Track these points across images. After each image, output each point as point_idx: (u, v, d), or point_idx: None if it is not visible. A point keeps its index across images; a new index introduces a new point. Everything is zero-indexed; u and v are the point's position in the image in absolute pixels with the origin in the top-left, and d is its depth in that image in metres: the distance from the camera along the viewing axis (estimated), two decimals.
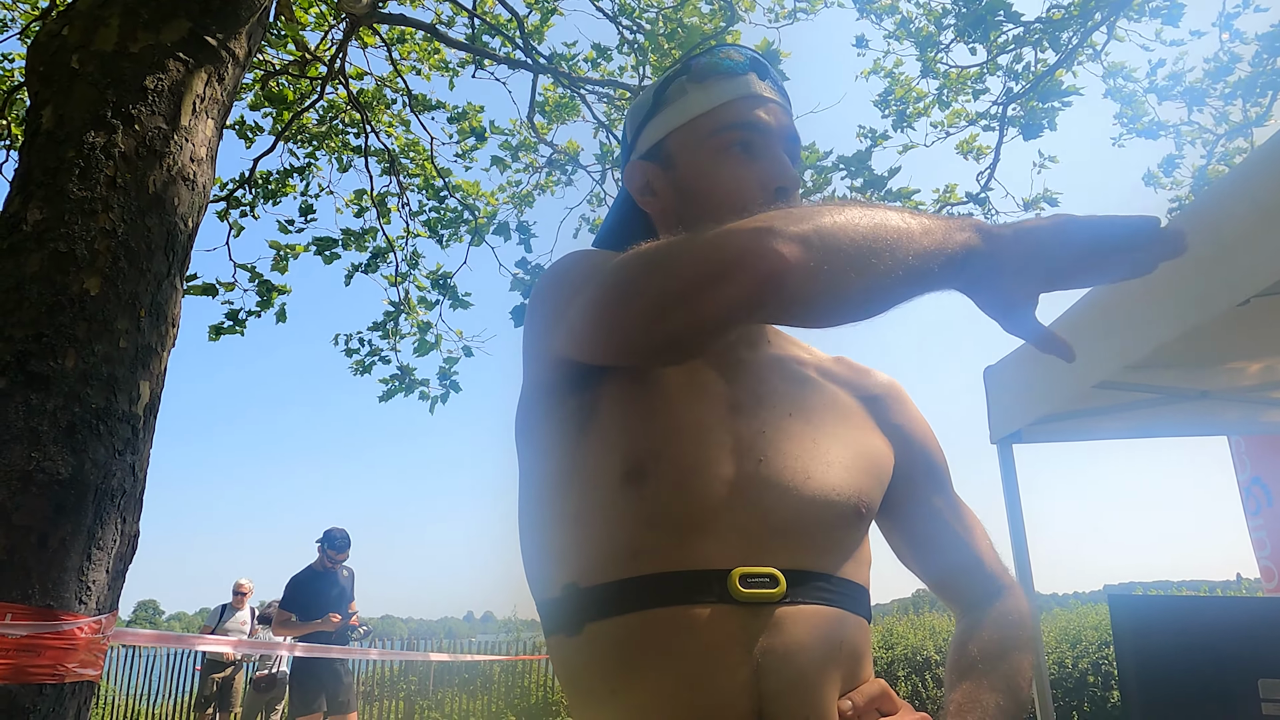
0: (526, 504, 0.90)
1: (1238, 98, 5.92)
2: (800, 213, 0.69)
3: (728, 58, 0.95)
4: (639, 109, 1.01)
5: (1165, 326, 2.07)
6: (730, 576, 0.75)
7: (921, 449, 0.98)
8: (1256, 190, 1.77)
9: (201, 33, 2.19)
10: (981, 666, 0.85)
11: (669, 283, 0.69)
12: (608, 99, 5.89)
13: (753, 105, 0.93)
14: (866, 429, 0.93)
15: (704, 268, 0.67)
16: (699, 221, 0.90)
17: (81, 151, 1.96)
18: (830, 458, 0.85)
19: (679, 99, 0.95)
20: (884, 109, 6.23)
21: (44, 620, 1.68)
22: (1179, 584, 18.59)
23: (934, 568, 0.97)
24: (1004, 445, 3.23)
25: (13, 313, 1.81)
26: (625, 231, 1.04)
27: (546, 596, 0.85)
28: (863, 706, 0.77)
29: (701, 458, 0.81)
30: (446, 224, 6.45)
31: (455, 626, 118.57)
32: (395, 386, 6.46)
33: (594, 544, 0.80)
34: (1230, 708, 2.36)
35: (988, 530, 1.01)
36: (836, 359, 1.02)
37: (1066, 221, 0.71)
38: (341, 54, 5.44)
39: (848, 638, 0.79)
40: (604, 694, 0.78)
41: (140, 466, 1.96)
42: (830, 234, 0.66)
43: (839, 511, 0.83)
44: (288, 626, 5.81)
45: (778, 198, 0.90)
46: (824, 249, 0.65)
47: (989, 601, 0.94)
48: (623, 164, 1.03)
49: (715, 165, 0.92)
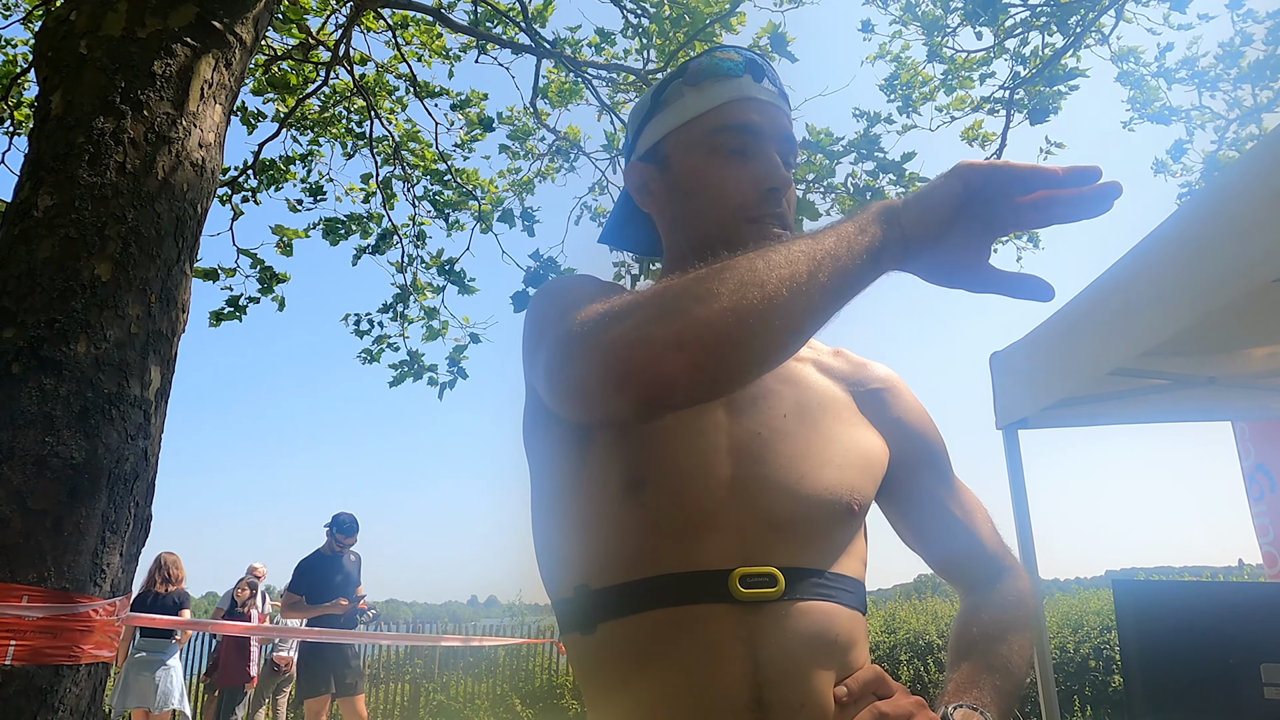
0: (538, 508, 0.93)
1: (1248, 82, 5.88)
2: (677, 303, 0.70)
3: (725, 59, 0.96)
4: (639, 110, 1.02)
5: (1179, 313, 2.07)
6: (731, 577, 0.79)
7: (920, 439, 1.00)
8: (1267, 176, 1.76)
9: (209, 18, 2.18)
10: (981, 647, 0.88)
11: (584, 381, 0.73)
12: (611, 83, 5.86)
13: (747, 107, 0.94)
14: (861, 425, 0.95)
15: (603, 377, 0.71)
16: (693, 221, 0.94)
17: (91, 137, 1.96)
18: (825, 456, 0.88)
19: (676, 101, 0.97)
20: (890, 93, 6.19)
21: (60, 603, 1.70)
22: (1182, 569, 18.65)
23: (937, 552, 1.00)
24: (1009, 431, 3.23)
25: (25, 299, 1.82)
26: (627, 229, 1.08)
27: (560, 597, 0.89)
28: (857, 691, 0.80)
29: (699, 462, 0.84)
30: (451, 204, 6.45)
31: (459, 610, 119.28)
32: (405, 372, 6.48)
33: (601, 549, 0.84)
34: (1232, 693, 2.37)
35: (990, 514, 1.03)
36: (835, 352, 1.04)
37: (965, 171, 0.74)
38: (345, 38, 5.42)
39: (842, 630, 0.82)
40: (616, 686, 0.82)
41: (152, 451, 1.98)
42: (711, 318, 0.67)
43: (833, 509, 0.85)
44: (296, 609, 5.85)
45: (769, 199, 0.91)
46: (702, 343, 0.68)
47: (990, 583, 0.97)
48: (624, 164, 1.05)
49: (708, 167, 0.93)
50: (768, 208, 0.91)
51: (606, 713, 0.84)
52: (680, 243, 0.96)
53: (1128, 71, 6.11)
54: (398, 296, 6.49)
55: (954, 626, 0.94)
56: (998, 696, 0.82)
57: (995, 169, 0.73)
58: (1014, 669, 0.86)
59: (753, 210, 0.91)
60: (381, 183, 6.31)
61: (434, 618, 33.84)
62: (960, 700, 0.81)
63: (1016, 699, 0.85)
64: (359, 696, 5.88)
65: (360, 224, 6.34)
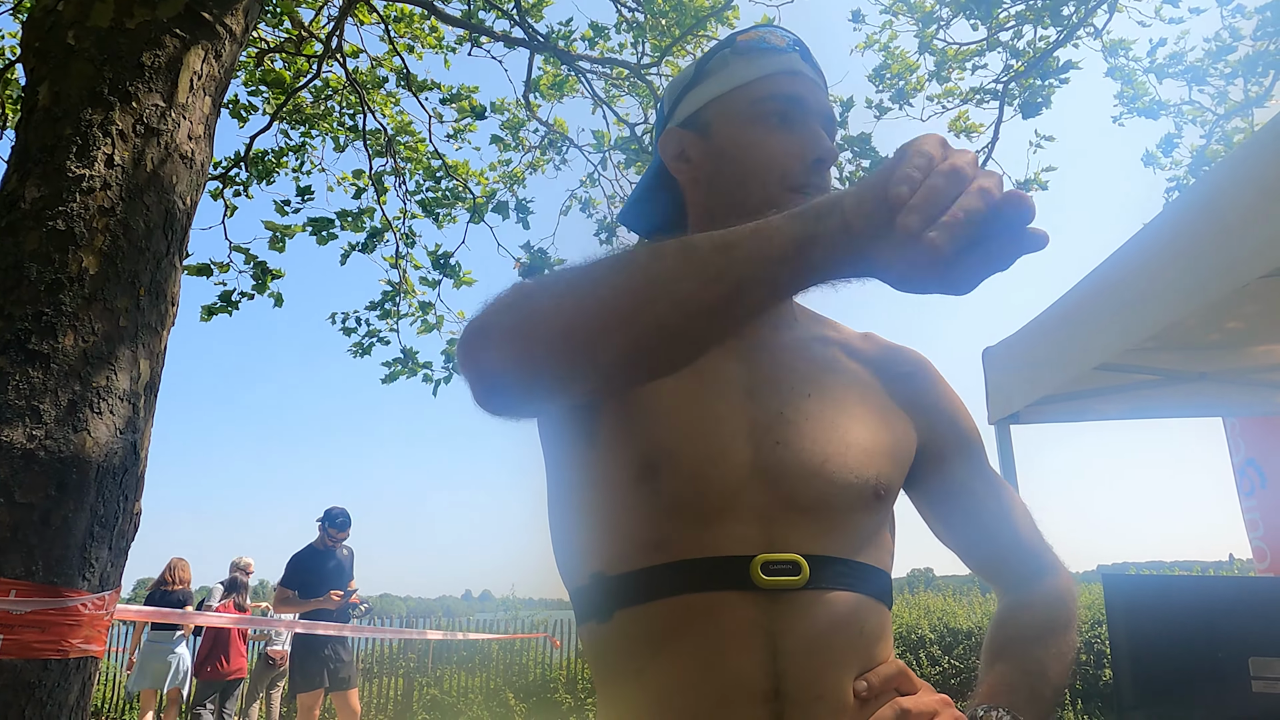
0: (553, 496, 0.92)
1: (1238, 77, 5.89)
2: (522, 301, 0.73)
3: (773, 35, 0.96)
4: (679, 81, 1.02)
5: (1170, 308, 2.07)
6: (752, 564, 0.77)
7: (951, 425, 0.96)
8: (1258, 172, 1.76)
9: (198, 9, 2.16)
10: (1016, 649, 0.85)
11: (459, 363, 0.77)
12: (605, 76, 5.84)
13: (794, 81, 0.94)
14: (888, 409, 0.92)
15: (464, 367, 0.76)
16: (732, 188, 0.92)
17: (79, 129, 1.94)
18: (849, 440, 0.85)
19: (721, 70, 0.96)
20: (879, 84, 6.18)
21: (48, 597, 1.70)
22: (1173, 564, 18.75)
23: (972, 548, 0.96)
24: (1001, 426, 3.24)
25: (12, 291, 1.81)
26: (651, 199, 1.05)
27: (577, 585, 0.86)
28: (878, 686, 0.77)
29: (716, 445, 0.82)
30: (442, 203, 6.42)
31: (453, 605, 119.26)
32: (398, 369, 6.45)
33: (616, 536, 0.82)
34: (1221, 685, 2.38)
35: (1029, 508, 0.98)
36: (864, 335, 1.02)
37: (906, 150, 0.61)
38: (338, 31, 5.39)
39: (867, 621, 0.80)
40: (630, 673, 0.80)
41: (141, 445, 1.97)
42: (548, 313, 0.70)
43: (858, 493, 0.82)
44: (289, 604, 5.84)
45: (814, 169, 0.91)
46: (535, 336, 0.70)
47: (1030, 582, 0.93)
48: (656, 134, 1.04)
49: (752, 134, 0.92)
50: (812, 178, 0.90)
51: (622, 701, 0.81)
52: (714, 209, 0.94)
53: (1118, 66, 6.12)
54: (386, 294, 6.46)
55: (991, 626, 0.91)
56: (1032, 701, 0.78)
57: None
58: (1051, 673, 0.82)
59: (798, 179, 0.90)
60: (374, 176, 6.28)
61: (428, 611, 33.88)
62: (993, 702, 0.77)
63: (1054, 705, 0.81)
64: (352, 691, 5.88)
65: (353, 219, 6.31)
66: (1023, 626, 0.87)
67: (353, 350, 6.46)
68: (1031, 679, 0.81)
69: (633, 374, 0.75)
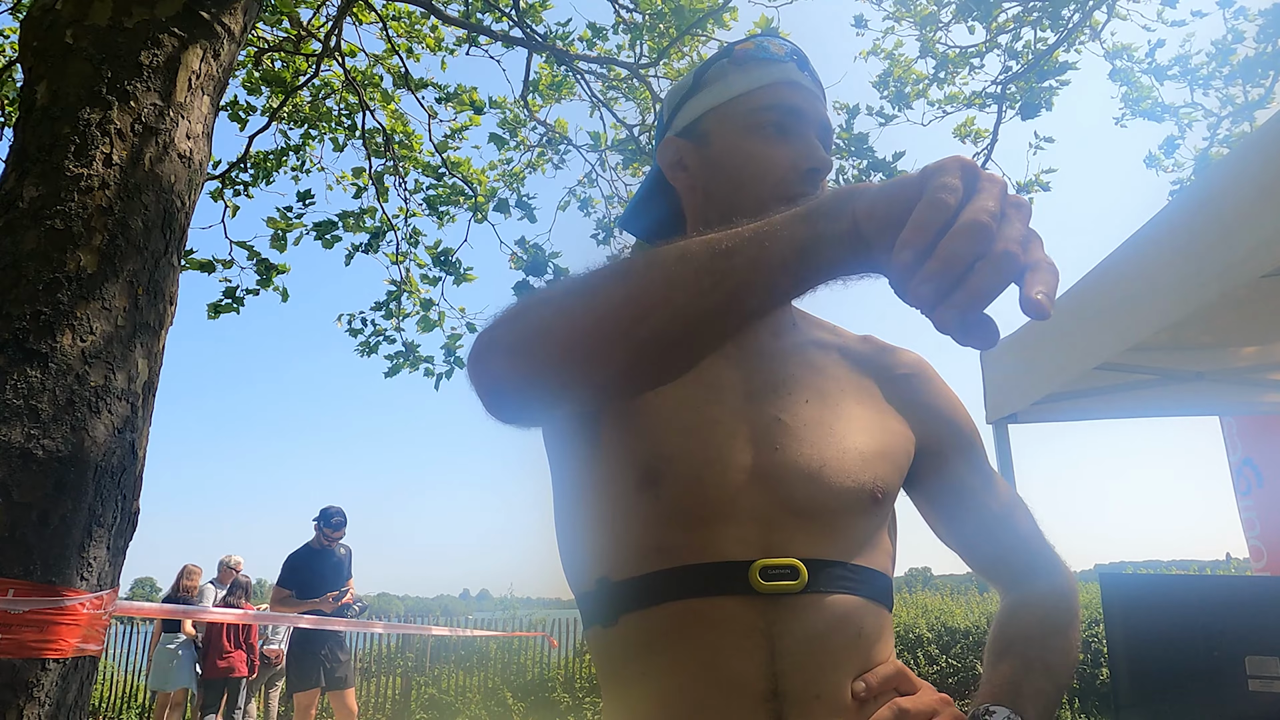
0: (559, 504, 0.93)
1: (1239, 80, 5.90)
2: (526, 314, 0.74)
3: (771, 45, 0.97)
4: (678, 89, 1.03)
5: (1168, 309, 2.08)
6: (751, 569, 0.78)
7: (951, 426, 0.97)
8: (1256, 172, 1.77)
9: (196, 8, 2.16)
10: (1019, 648, 0.85)
11: (469, 377, 0.78)
12: (603, 78, 5.84)
13: (791, 91, 0.94)
14: (886, 412, 0.93)
15: (473, 378, 0.76)
16: (728, 197, 0.92)
17: (77, 128, 1.94)
18: (846, 444, 0.86)
19: (719, 80, 0.97)
20: (882, 90, 6.19)
21: (46, 596, 1.69)
22: (1170, 563, 18.77)
23: (973, 548, 0.96)
24: (999, 426, 3.25)
25: (10, 290, 1.80)
26: (650, 205, 1.06)
27: (583, 590, 0.88)
28: (876, 686, 0.78)
29: (715, 451, 0.83)
30: (444, 200, 6.42)
31: (451, 604, 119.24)
32: (400, 362, 6.47)
33: (620, 543, 0.84)
34: (1218, 684, 2.39)
35: (1030, 507, 0.98)
36: (863, 338, 1.02)
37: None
38: (336, 30, 5.38)
39: (865, 623, 0.81)
40: (634, 676, 0.82)
41: (140, 444, 1.96)
42: (547, 322, 0.71)
43: (855, 498, 0.83)
44: (285, 604, 5.84)
45: (809, 179, 0.91)
46: (531, 347, 0.72)
47: (1031, 581, 0.93)
48: (657, 142, 1.05)
49: (748, 144, 0.93)
50: (806, 187, 0.91)
51: (626, 702, 0.83)
52: (711, 219, 0.92)
53: (1120, 68, 6.12)
54: (391, 294, 6.47)
55: (993, 625, 0.91)
56: (1036, 700, 0.78)
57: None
58: (1055, 672, 0.83)
59: (792, 188, 0.90)
60: (374, 176, 6.28)
61: (426, 610, 33.90)
62: (996, 701, 0.77)
63: (1057, 703, 0.81)
64: (349, 690, 5.88)
65: (355, 219, 6.30)
66: (1025, 625, 0.88)
67: (359, 350, 6.49)
68: (1035, 677, 0.81)
69: (634, 384, 0.75)
